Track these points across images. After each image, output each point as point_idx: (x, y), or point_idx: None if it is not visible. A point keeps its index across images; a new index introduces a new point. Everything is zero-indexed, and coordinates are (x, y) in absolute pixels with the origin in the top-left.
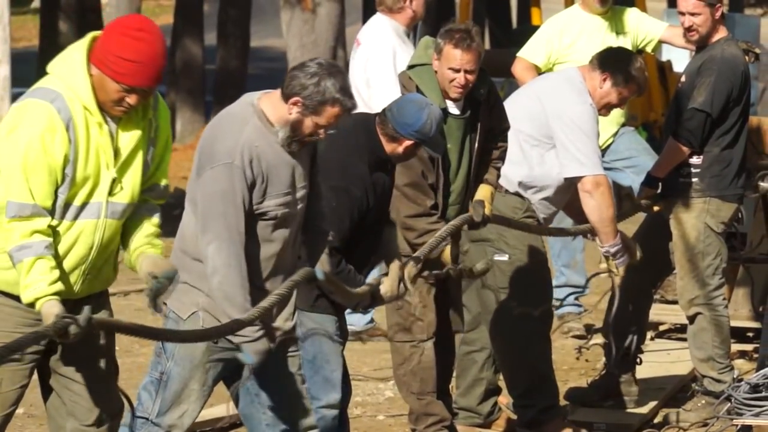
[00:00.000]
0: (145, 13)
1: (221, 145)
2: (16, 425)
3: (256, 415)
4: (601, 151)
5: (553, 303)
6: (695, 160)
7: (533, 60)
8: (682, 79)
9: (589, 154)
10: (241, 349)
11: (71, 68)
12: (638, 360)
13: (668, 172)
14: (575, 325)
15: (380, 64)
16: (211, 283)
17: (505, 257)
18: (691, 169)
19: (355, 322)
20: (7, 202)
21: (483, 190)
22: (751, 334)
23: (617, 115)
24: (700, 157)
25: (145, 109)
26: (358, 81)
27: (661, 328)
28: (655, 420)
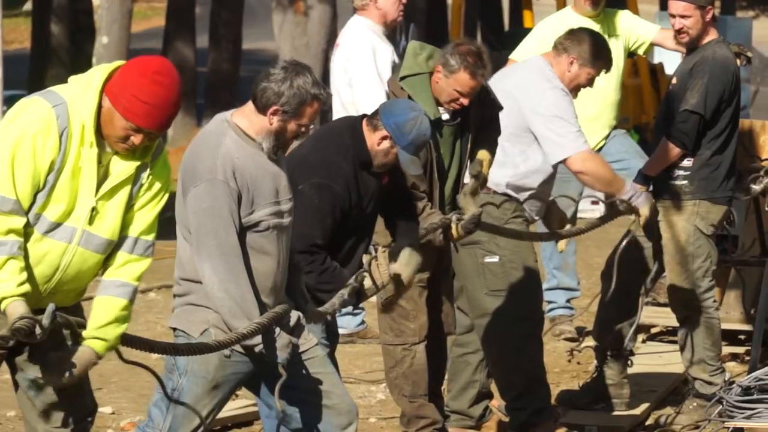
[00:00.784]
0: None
1: (201, 164)
2: (7, 428)
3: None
4: None
5: (546, 306)
6: (686, 163)
7: None
8: (673, 81)
9: (567, 135)
10: (265, 354)
11: (86, 86)
12: (629, 362)
13: (659, 171)
14: (567, 328)
15: (360, 62)
16: (213, 301)
17: (495, 259)
18: (681, 172)
19: (347, 324)
20: None
21: (481, 153)
22: (742, 337)
23: (609, 118)
24: (691, 159)
25: (145, 152)
26: (339, 83)
27: (653, 330)
28: (647, 422)
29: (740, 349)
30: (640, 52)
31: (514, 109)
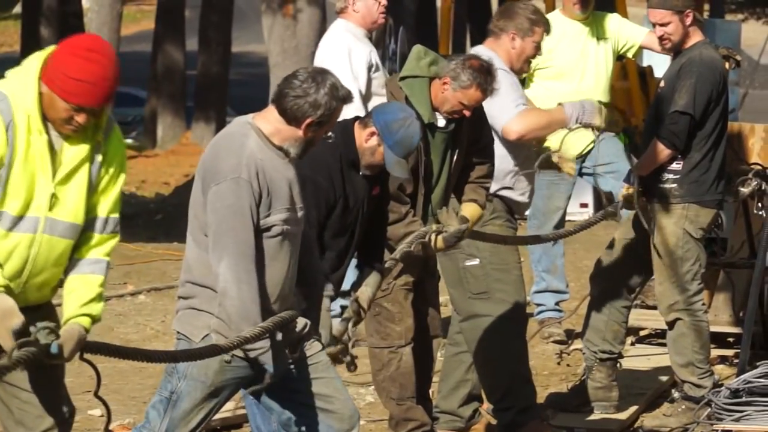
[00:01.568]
0: (126, 18)
1: (224, 163)
2: None
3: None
4: (582, 157)
5: (535, 308)
6: (675, 166)
7: None
8: (661, 85)
9: (501, 107)
10: (260, 361)
11: (24, 76)
12: (618, 365)
13: (649, 171)
14: (555, 330)
15: (334, 63)
16: (224, 299)
17: (475, 261)
18: (670, 175)
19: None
20: None
21: (471, 209)
22: (731, 339)
23: None
24: (680, 162)
25: (95, 130)
26: None
27: (642, 333)
28: (636, 425)
29: (729, 352)
30: (629, 55)
31: None
